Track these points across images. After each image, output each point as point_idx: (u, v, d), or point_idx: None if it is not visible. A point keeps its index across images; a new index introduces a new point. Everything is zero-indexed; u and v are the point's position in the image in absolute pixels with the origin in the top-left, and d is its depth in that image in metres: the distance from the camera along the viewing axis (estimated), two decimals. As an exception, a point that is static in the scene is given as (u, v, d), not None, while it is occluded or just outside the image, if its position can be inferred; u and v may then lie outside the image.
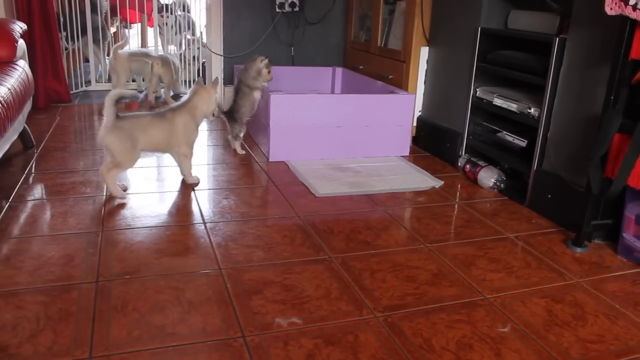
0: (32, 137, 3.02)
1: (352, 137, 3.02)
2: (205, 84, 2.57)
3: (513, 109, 2.54)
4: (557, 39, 2.26)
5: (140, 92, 4.56)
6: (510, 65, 2.58)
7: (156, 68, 4.17)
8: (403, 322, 1.54)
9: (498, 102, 2.64)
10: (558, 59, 2.27)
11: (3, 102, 2.23)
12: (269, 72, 2.98)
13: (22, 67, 2.72)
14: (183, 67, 4.87)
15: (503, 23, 2.77)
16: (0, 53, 2.64)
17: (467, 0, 2.85)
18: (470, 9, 2.82)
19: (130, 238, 1.98)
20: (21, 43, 2.84)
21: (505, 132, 2.68)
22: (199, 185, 2.55)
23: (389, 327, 1.51)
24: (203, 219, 2.17)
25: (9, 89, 2.36)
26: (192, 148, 2.53)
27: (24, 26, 2.93)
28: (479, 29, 2.73)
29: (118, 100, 2.23)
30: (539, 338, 1.50)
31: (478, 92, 2.79)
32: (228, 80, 4.10)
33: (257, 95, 2.97)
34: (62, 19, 4.32)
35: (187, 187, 2.52)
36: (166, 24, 5.13)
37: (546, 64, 2.32)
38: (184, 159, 2.52)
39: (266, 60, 2.96)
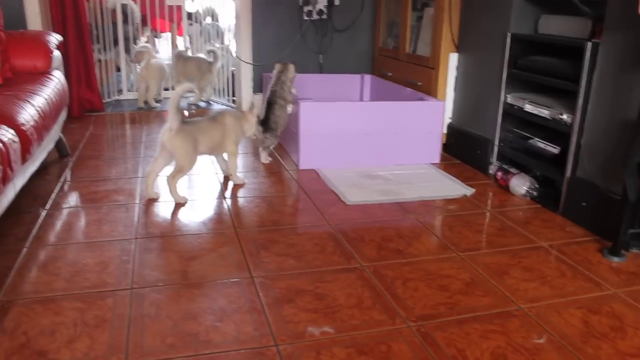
0: (67, 145, 3.08)
1: (381, 145, 3.02)
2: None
3: (545, 115, 2.51)
4: (590, 43, 2.23)
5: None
6: (541, 71, 2.55)
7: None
8: (436, 332, 1.53)
9: (529, 108, 2.61)
10: (591, 64, 2.24)
11: (40, 111, 2.28)
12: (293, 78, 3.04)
13: (57, 78, 2.78)
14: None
15: (533, 28, 2.74)
16: (37, 64, 2.71)
17: (496, 5, 2.83)
18: (499, 14, 2.80)
19: (162, 245, 2.01)
20: (57, 54, 2.90)
21: (537, 139, 2.65)
22: (230, 192, 2.57)
23: (422, 337, 1.50)
24: (234, 227, 2.18)
25: (46, 99, 2.42)
26: (237, 147, 2.68)
27: (60, 37, 2.99)
28: (509, 34, 2.71)
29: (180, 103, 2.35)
30: (576, 350, 1.47)
31: (509, 99, 2.76)
32: (257, 88, 4.13)
33: (290, 108, 2.99)
34: (95, 31, 4.40)
35: (219, 195, 2.55)
36: (188, 32, 5.20)
37: (579, 69, 2.29)
38: (231, 157, 2.66)
39: (294, 66, 3.02)
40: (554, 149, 2.52)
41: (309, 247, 2.03)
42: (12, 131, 1.94)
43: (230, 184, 2.69)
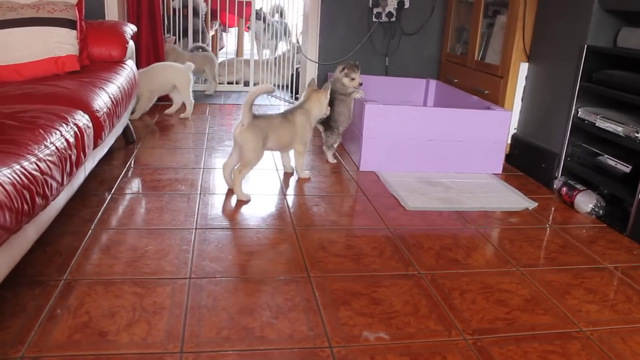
0: (133, 133, 3.16)
1: (444, 152, 2.97)
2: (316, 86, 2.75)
3: (618, 132, 2.42)
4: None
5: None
6: (618, 86, 2.45)
7: None
8: (493, 347, 1.50)
9: (601, 124, 2.52)
10: (673, 83, 2.14)
11: (113, 99, 2.35)
12: (352, 79, 2.95)
13: (130, 67, 2.86)
14: (278, 71, 4.98)
15: (612, 41, 2.64)
16: (113, 53, 2.80)
17: (573, 16, 2.74)
18: (576, 25, 2.71)
19: (221, 238, 2.03)
20: (131, 44, 2.98)
21: (607, 156, 2.55)
22: (290, 189, 2.59)
23: (478, 351, 1.47)
24: (293, 225, 2.19)
25: (119, 88, 2.49)
26: (306, 146, 2.71)
27: (135, 28, 3.08)
28: (586, 46, 2.62)
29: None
30: (641, 379, 1.42)
31: (580, 113, 2.67)
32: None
33: (357, 95, 2.97)
34: (166, 22, 4.51)
35: (279, 191, 2.57)
36: (249, 27, 5.26)
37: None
38: (298, 156, 2.70)
39: (345, 70, 2.95)
40: (625, 168, 2.42)
41: (367, 250, 2.01)
42: (87, 117, 2.01)
43: (291, 182, 2.70)
